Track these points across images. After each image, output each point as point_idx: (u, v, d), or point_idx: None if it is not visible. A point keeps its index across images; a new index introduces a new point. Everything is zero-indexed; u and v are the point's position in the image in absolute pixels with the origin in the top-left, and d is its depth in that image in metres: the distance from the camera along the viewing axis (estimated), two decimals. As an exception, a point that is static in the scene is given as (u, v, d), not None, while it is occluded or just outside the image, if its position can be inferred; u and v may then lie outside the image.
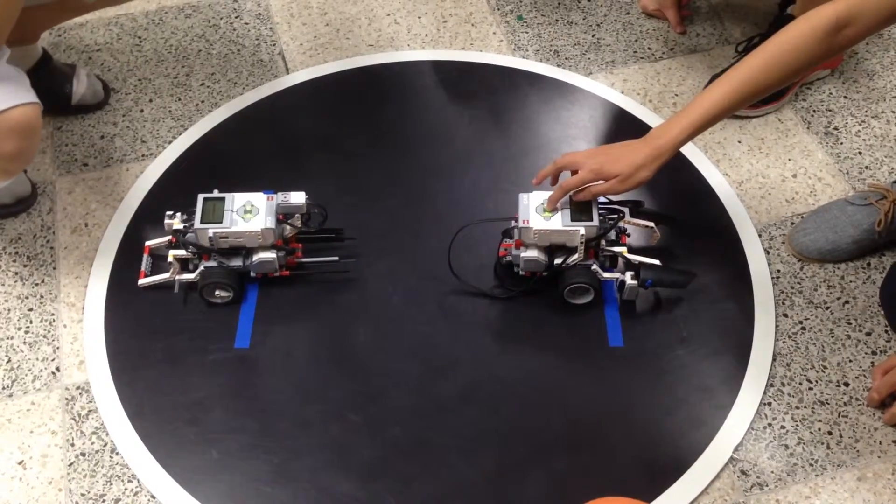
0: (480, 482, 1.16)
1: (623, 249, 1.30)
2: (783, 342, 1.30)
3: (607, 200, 1.32)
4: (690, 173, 1.51)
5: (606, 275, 1.29)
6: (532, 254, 1.27)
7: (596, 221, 1.24)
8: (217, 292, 1.30)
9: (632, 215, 1.34)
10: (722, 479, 1.17)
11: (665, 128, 1.20)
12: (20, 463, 1.18)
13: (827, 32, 1.09)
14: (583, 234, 1.23)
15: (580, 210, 1.25)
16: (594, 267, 1.27)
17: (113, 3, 1.53)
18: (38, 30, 1.51)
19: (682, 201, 1.46)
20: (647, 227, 1.36)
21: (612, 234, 1.30)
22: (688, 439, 1.20)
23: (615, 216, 1.29)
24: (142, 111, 1.60)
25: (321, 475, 1.16)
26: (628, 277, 1.28)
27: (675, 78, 1.67)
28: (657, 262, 1.30)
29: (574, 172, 1.24)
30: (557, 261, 1.27)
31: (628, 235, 1.33)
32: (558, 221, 1.24)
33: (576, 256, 1.26)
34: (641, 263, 1.29)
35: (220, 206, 1.25)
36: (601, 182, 1.22)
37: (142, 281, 1.32)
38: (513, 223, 1.31)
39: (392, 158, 1.52)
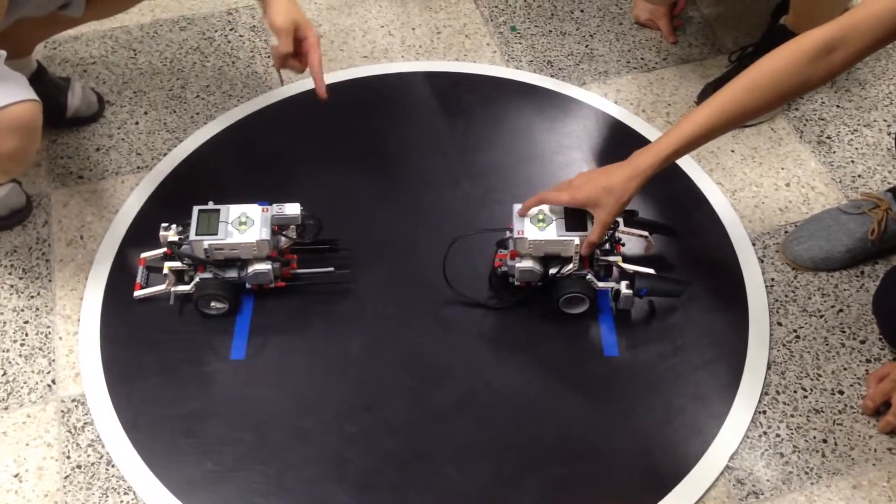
0: (476, 492, 1.16)
1: (618, 259, 1.30)
2: (778, 351, 1.31)
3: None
4: (684, 183, 1.51)
5: (601, 284, 1.29)
6: (527, 264, 1.27)
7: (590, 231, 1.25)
8: (212, 304, 1.30)
9: (626, 224, 1.35)
10: (717, 488, 1.17)
11: (648, 148, 1.19)
12: (16, 476, 1.18)
13: (815, 56, 1.08)
14: (577, 244, 1.24)
15: (575, 220, 1.25)
16: (589, 277, 1.28)
17: (100, 16, 1.53)
18: (30, 43, 1.51)
19: (676, 211, 1.46)
20: (641, 236, 1.36)
21: (607, 244, 1.31)
22: (683, 448, 1.20)
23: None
24: (137, 123, 1.60)
25: (317, 486, 1.16)
26: (623, 287, 1.28)
27: (668, 88, 1.68)
28: (652, 271, 1.30)
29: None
30: (552, 271, 1.27)
31: (623, 245, 1.33)
32: (553, 232, 1.24)
33: (570, 266, 1.27)
34: (636, 273, 1.29)
35: (215, 218, 1.26)
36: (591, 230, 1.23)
37: (137, 293, 1.32)
38: (507, 234, 1.31)
39: (387, 169, 1.53)
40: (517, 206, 1.28)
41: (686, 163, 1.53)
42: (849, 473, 1.19)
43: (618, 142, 1.56)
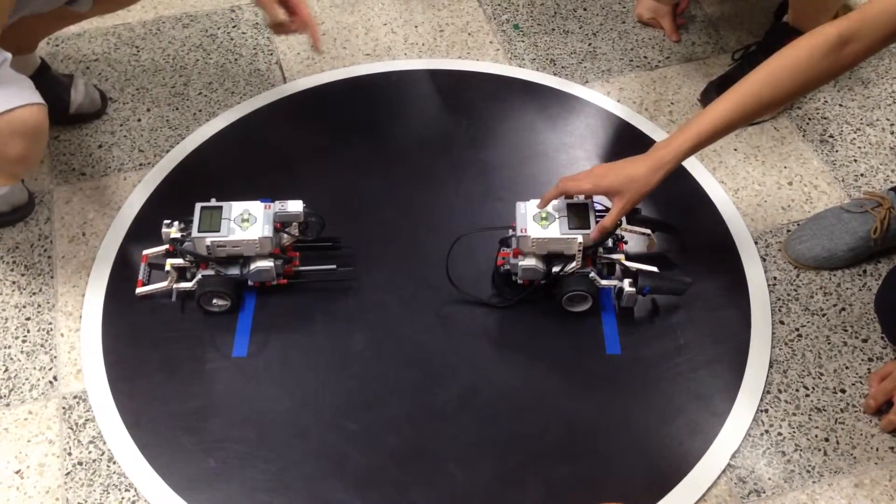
0: (478, 490, 1.16)
1: (621, 257, 1.30)
2: (780, 349, 1.31)
3: (604, 208, 1.32)
4: (687, 181, 1.51)
5: (604, 282, 1.29)
6: (530, 262, 1.27)
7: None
8: (214, 301, 1.30)
9: (628, 222, 1.35)
10: (719, 487, 1.17)
11: (668, 140, 1.20)
12: (17, 472, 1.18)
13: (830, 49, 1.10)
14: (580, 242, 1.24)
15: (578, 218, 1.25)
16: (592, 275, 1.28)
17: (107, 11, 1.53)
18: (34, 39, 1.51)
19: (679, 209, 1.46)
20: (643, 234, 1.36)
21: (610, 242, 1.30)
22: (685, 446, 1.20)
23: None
24: (139, 120, 1.60)
25: (318, 483, 1.16)
26: (626, 285, 1.28)
27: (671, 86, 1.68)
28: (655, 269, 1.30)
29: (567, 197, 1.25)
30: (555, 269, 1.27)
31: (625, 243, 1.33)
32: (556, 230, 1.24)
33: (573, 264, 1.26)
34: (639, 270, 1.29)
35: (218, 215, 1.26)
36: (606, 215, 1.23)
37: (139, 290, 1.32)
38: (510, 232, 1.31)
39: (389, 167, 1.53)
40: (520, 204, 1.27)
41: (689, 161, 1.52)
42: (851, 472, 1.19)
43: (620, 140, 1.56)
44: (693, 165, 1.53)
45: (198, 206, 1.27)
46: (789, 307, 1.35)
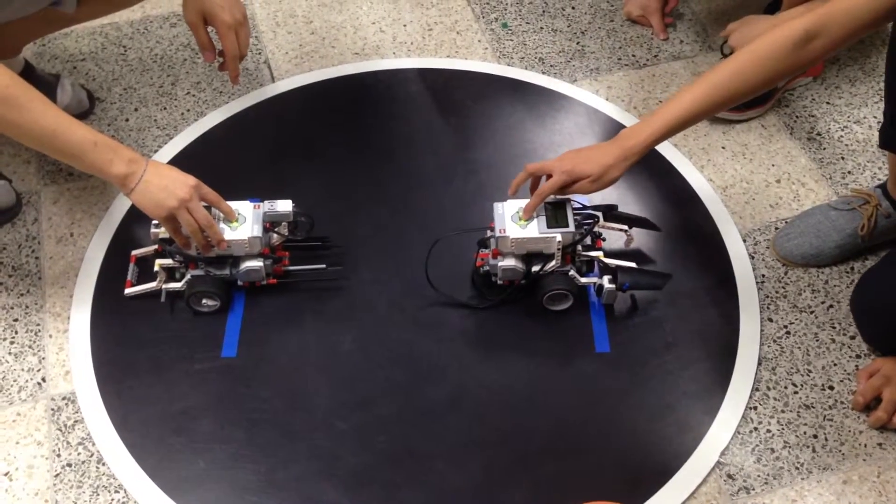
0: (467, 489, 1.16)
1: (599, 254, 1.30)
2: (768, 346, 1.31)
3: (581, 206, 1.32)
4: (675, 179, 1.51)
5: (584, 280, 1.29)
6: (510, 262, 1.27)
7: (572, 227, 1.25)
8: (204, 301, 1.30)
9: (605, 219, 1.35)
10: (708, 484, 1.18)
11: (635, 129, 1.21)
12: (6, 474, 1.18)
13: (796, 43, 1.11)
14: (559, 241, 1.24)
15: (556, 217, 1.25)
16: (571, 272, 1.28)
17: (95, 16, 1.52)
18: (19, 43, 1.50)
19: (667, 206, 1.47)
20: (620, 230, 1.36)
21: (588, 240, 1.30)
22: (674, 444, 1.20)
23: (590, 221, 1.29)
24: (127, 120, 1.60)
25: (308, 484, 1.16)
26: (606, 281, 1.28)
27: (660, 84, 1.68)
28: (633, 264, 1.30)
29: (549, 177, 1.25)
30: (535, 268, 1.27)
31: (604, 240, 1.34)
32: (535, 229, 1.24)
33: (553, 263, 1.26)
34: (618, 267, 1.29)
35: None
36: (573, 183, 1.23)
37: (128, 290, 1.32)
38: (488, 233, 1.31)
39: (378, 166, 1.52)
40: (497, 205, 1.27)
41: (677, 158, 1.54)
42: (839, 469, 1.19)
43: (609, 139, 1.56)
44: (681, 163, 1.53)
45: (186, 206, 1.27)
46: (777, 304, 1.36)
